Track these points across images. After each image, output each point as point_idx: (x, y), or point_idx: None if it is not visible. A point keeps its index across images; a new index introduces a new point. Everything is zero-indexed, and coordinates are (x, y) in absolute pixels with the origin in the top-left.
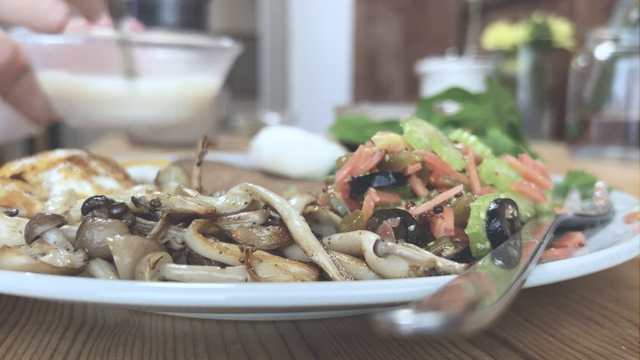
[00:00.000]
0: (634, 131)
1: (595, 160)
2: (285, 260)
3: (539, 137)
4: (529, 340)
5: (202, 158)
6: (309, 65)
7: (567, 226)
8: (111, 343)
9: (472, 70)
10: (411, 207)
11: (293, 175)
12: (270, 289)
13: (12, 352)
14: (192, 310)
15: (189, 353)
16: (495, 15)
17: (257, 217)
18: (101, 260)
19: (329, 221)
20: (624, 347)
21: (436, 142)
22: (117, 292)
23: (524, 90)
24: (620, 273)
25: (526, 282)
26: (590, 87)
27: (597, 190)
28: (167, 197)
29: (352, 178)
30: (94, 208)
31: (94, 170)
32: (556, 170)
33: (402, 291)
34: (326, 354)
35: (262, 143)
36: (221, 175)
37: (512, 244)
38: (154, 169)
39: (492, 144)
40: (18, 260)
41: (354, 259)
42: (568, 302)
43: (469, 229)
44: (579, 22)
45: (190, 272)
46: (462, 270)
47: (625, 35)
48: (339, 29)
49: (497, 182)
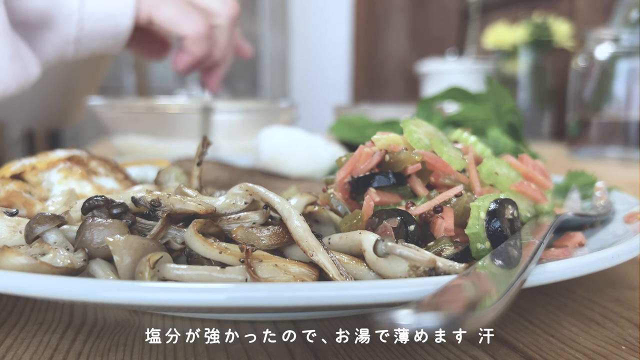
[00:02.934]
0: (634, 131)
1: (595, 160)
2: (285, 260)
3: (539, 137)
4: (529, 340)
5: (202, 158)
6: (309, 65)
7: (567, 226)
8: (111, 343)
9: (472, 70)
10: (411, 207)
11: (293, 175)
12: (270, 289)
13: (12, 352)
14: (192, 310)
15: (189, 353)
16: (495, 15)
17: (257, 217)
18: (101, 260)
19: (329, 221)
20: (624, 347)
21: (436, 142)
22: (117, 292)
23: (524, 90)
24: (620, 273)
25: (526, 282)
26: (590, 87)
27: (597, 190)
28: (167, 197)
29: (352, 178)
30: (94, 208)
31: (93, 170)
32: (556, 170)
33: (402, 291)
34: (326, 354)
35: (262, 143)
36: (221, 175)
37: (512, 244)
38: (154, 169)
39: (492, 144)
40: (18, 260)
41: (354, 259)
42: (568, 302)
43: (469, 229)
44: (579, 22)
45: (190, 272)
46: (462, 270)
47: (625, 35)
48: (339, 29)
49: (497, 182)
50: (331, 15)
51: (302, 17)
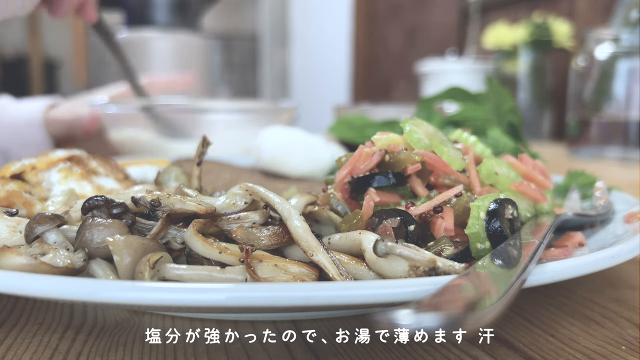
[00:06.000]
0: (634, 131)
1: (595, 160)
2: (285, 260)
3: (539, 137)
4: (529, 340)
5: (202, 158)
6: (309, 65)
7: (567, 226)
8: (111, 343)
9: (472, 70)
10: (411, 207)
11: (293, 175)
12: (270, 289)
13: (12, 352)
14: (192, 310)
15: (189, 353)
16: (495, 15)
17: (257, 217)
18: (101, 260)
19: (329, 221)
20: (624, 347)
21: (436, 142)
22: (117, 292)
23: (524, 90)
24: (620, 273)
25: (526, 282)
26: (590, 87)
27: (597, 190)
28: (167, 197)
29: (352, 178)
30: (94, 208)
31: (93, 170)
32: (556, 170)
33: (402, 291)
34: (326, 354)
35: (262, 143)
36: (221, 175)
37: (512, 244)
38: (154, 169)
39: (492, 144)
40: (18, 260)
41: (354, 259)
42: (568, 302)
43: (468, 229)
44: (579, 22)
45: (190, 272)
46: (462, 270)
47: (625, 35)
48: (339, 28)
49: (497, 182)
50: (331, 15)
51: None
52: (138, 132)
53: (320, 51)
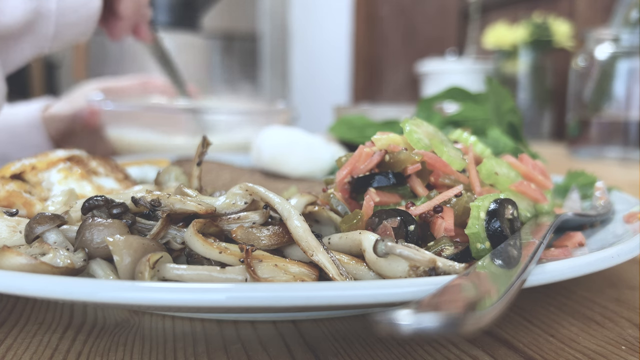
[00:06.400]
0: (634, 131)
1: (595, 160)
2: (285, 260)
3: (539, 137)
4: (529, 340)
5: (202, 158)
6: (309, 65)
7: (567, 226)
8: (111, 343)
9: (472, 70)
10: (411, 207)
11: (293, 175)
12: (270, 289)
13: (12, 352)
14: (192, 310)
15: (189, 353)
16: (495, 15)
17: (257, 217)
18: (101, 260)
19: (329, 221)
20: (624, 347)
21: (436, 142)
22: (117, 292)
23: (524, 90)
24: (620, 273)
25: (526, 282)
26: (590, 87)
27: (597, 190)
28: (167, 197)
29: (352, 178)
30: (94, 208)
31: (93, 170)
32: (556, 170)
33: (402, 291)
34: (326, 354)
35: (262, 143)
36: (221, 175)
37: (512, 244)
38: (154, 169)
39: (492, 144)
40: (18, 260)
41: (354, 259)
42: (568, 302)
43: (468, 229)
44: (579, 22)
45: (190, 272)
46: (462, 270)
47: (625, 35)
48: (339, 28)
49: (497, 182)
50: (331, 15)
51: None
52: (137, 130)
53: (320, 51)
